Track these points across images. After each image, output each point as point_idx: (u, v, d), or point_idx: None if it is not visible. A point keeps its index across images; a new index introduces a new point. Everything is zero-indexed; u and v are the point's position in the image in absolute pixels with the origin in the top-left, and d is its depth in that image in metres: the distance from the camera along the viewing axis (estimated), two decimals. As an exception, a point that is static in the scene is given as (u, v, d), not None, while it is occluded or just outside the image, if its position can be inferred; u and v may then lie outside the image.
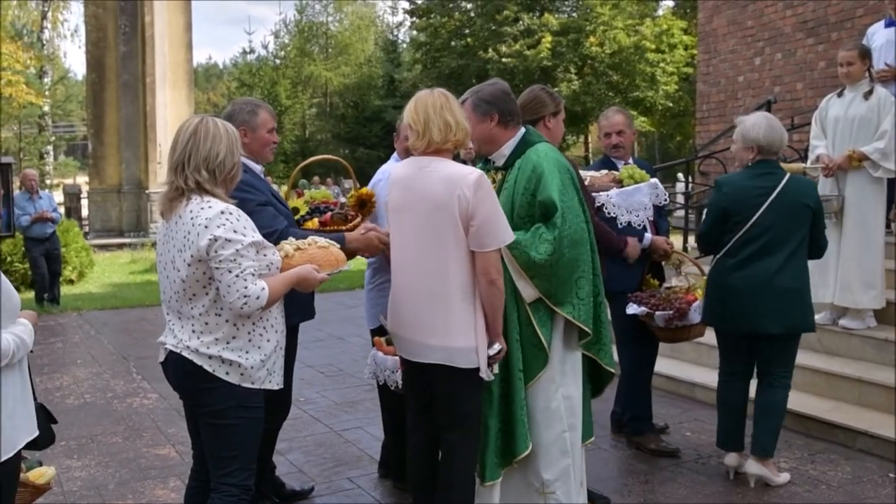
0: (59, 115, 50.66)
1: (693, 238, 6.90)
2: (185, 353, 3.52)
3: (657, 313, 5.60)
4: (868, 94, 6.73)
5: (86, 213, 26.00)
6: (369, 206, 4.89)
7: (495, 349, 3.97)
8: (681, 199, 15.07)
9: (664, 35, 32.98)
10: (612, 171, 5.81)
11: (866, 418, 6.14)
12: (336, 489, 5.48)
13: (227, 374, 3.51)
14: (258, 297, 3.40)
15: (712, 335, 5.61)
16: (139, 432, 6.70)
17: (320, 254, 3.80)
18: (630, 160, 6.04)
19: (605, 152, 6.13)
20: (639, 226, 5.65)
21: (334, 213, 4.72)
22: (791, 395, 5.38)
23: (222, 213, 3.44)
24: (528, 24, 32.70)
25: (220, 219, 3.41)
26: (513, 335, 4.19)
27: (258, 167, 4.61)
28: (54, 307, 12.97)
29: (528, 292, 4.20)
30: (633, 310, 5.68)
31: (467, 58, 33.64)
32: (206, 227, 3.40)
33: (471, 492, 4.10)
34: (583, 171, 5.53)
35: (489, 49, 32.17)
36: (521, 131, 4.41)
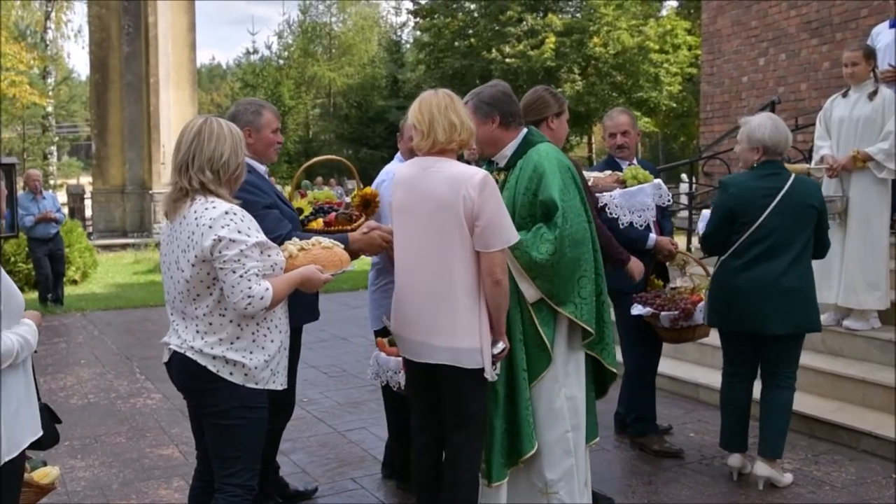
0: (62, 116, 50.70)
1: (696, 239, 6.89)
2: (189, 354, 3.52)
3: (662, 314, 5.60)
4: (873, 95, 6.72)
5: (89, 213, 26.02)
6: (373, 206, 4.88)
7: (499, 348, 3.97)
8: (684, 200, 15.05)
9: (668, 35, 32.94)
10: (615, 171, 5.81)
11: (870, 419, 6.13)
12: (339, 490, 5.48)
13: (231, 374, 3.51)
14: (262, 298, 3.40)
15: (716, 336, 5.60)
16: (143, 432, 6.71)
17: (324, 254, 3.80)
18: (634, 161, 6.04)
19: (609, 153, 6.13)
20: (641, 226, 5.63)
21: (339, 214, 4.72)
22: (795, 396, 5.37)
23: (226, 213, 3.44)
24: (531, 25, 32.64)
25: (224, 219, 3.41)
26: (516, 335, 4.19)
27: (262, 168, 4.60)
28: (58, 307, 12.98)
29: (530, 293, 4.20)
30: (637, 310, 5.68)
31: (471, 58, 33.59)
32: (210, 227, 3.40)
33: (475, 492, 4.10)
34: (586, 172, 5.53)
35: (493, 49, 32.12)
36: (523, 132, 4.41)
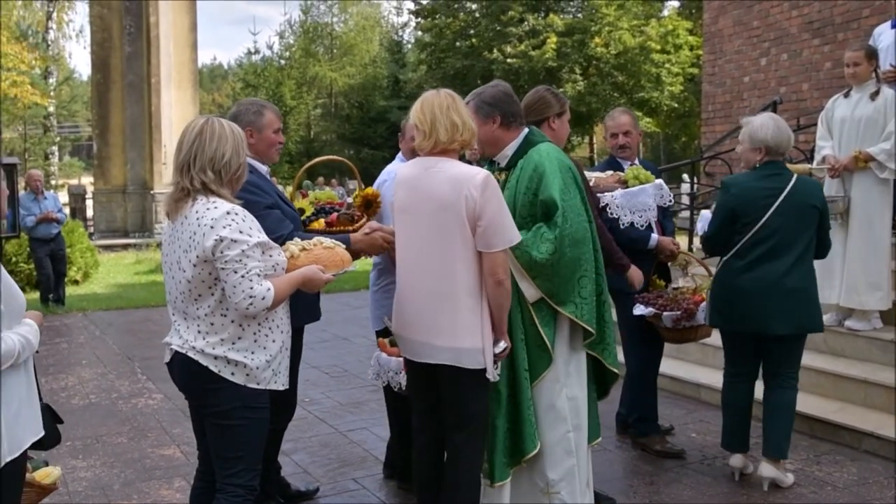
0: (64, 116, 50.73)
1: (697, 239, 6.89)
2: (190, 354, 3.52)
3: (665, 314, 5.59)
4: (874, 95, 6.71)
5: (91, 213, 26.05)
6: (375, 206, 4.88)
7: (500, 347, 3.97)
8: (686, 200, 15.05)
9: (669, 36, 32.93)
10: (617, 171, 5.81)
11: (872, 420, 6.13)
12: (341, 490, 5.48)
13: (233, 374, 3.51)
14: (264, 298, 3.40)
15: (718, 336, 5.60)
16: (144, 433, 6.71)
17: (326, 254, 3.80)
18: (636, 161, 6.04)
19: (611, 153, 6.13)
20: (642, 226, 5.63)
21: (341, 214, 4.72)
22: (797, 397, 5.37)
23: (228, 213, 3.44)
24: (533, 25, 32.64)
25: (225, 219, 3.41)
26: (517, 335, 4.19)
27: (264, 168, 4.60)
28: (59, 308, 12.99)
29: (531, 292, 4.21)
30: (640, 310, 5.67)
31: (472, 58, 33.59)
32: (211, 227, 3.40)
33: (476, 492, 4.10)
34: (588, 172, 5.53)
35: (494, 50, 32.12)
36: (524, 132, 4.42)
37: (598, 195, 5.48)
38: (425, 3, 36.18)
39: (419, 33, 39.34)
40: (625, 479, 5.59)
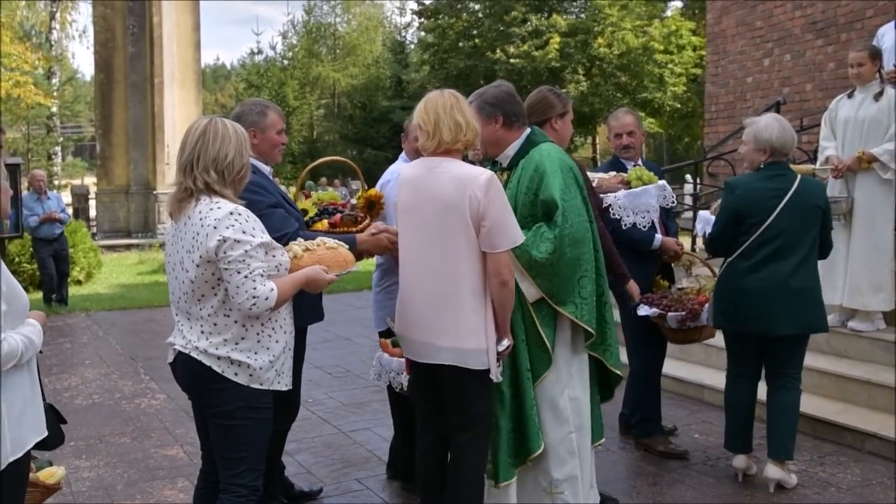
0: (67, 116, 50.73)
1: (700, 240, 6.88)
2: (193, 354, 3.52)
3: (669, 314, 5.59)
4: (878, 96, 6.70)
5: (94, 213, 26.06)
6: (378, 207, 4.88)
7: (503, 345, 3.97)
8: (689, 201, 15.03)
9: (672, 36, 32.93)
10: (620, 172, 5.81)
11: (875, 420, 6.12)
12: (344, 490, 5.48)
13: (236, 374, 3.51)
14: (267, 298, 3.40)
15: (721, 337, 5.59)
16: (147, 433, 6.71)
17: (329, 255, 3.79)
18: (639, 161, 6.03)
19: (614, 153, 6.12)
20: (644, 227, 5.63)
21: (344, 215, 4.71)
22: (800, 398, 5.36)
23: (231, 213, 3.44)
24: (536, 25, 32.67)
25: (229, 220, 3.41)
26: (519, 335, 4.20)
27: (267, 168, 4.60)
28: (62, 308, 13.00)
29: (531, 292, 4.21)
30: (644, 311, 5.67)
31: (475, 59, 33.62)
32: (215, 227, 3.40)
33: (480, 493, 4.10)
34: (591, 173, 5.53)
35: (497, 50, 32.14)
36: (526, 132, 4.42)
37: (601, 196, 5.47)
38: (428, 3, 36.23)
39: (422, 33, 39.38)
40: (628, 480, 5.59)
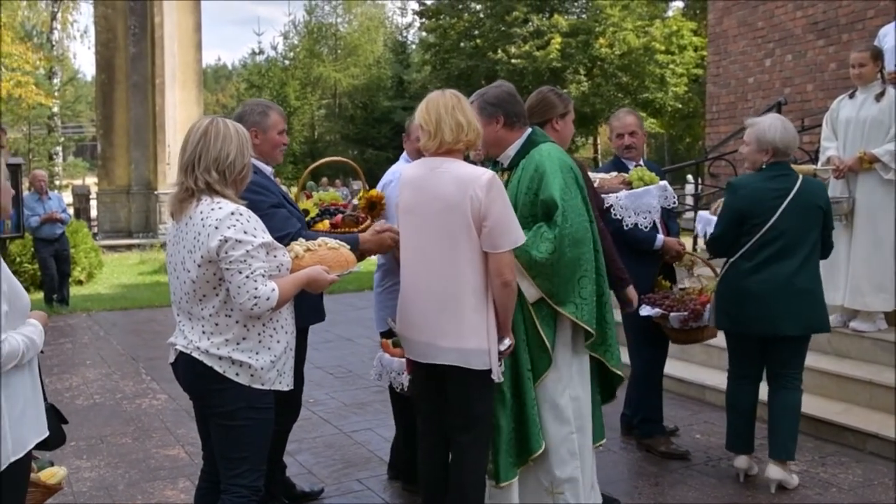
0: (68, 116, 50.76)
1: (701, 240, 6.87)
2: (195, 354, 3.52)
3: (672, 314, 5.58)
4: (880, 96, 6.70)
5: (95, 213, 26.08)
6: (379, 208, 4.88)
7: (505, 344, 3.97)
8: (690, 201, 15.04)
9: (674, 36, 32.93)
10: (622, 172, 5.80)
11: (877, 421, 6.12)
12: (345, 491, 5.48)
13: (238, 375, 3.51)
14: (268, 298, 3.40)
15: (723, 337, 5.59)
16: (148, 433, 6.71)
17: (330, 255, 3.79)
18: (640, 162, 6.03)
19: (616, 153, 6.12)
20: (646, 227, 5.62)
21: (346, 216, 4.72)
22: (802, 398, 5.36)
23: (232, 214, 3.43)
24: (537, 26, 32.68)
25: (230, 220, 3.41)
26: (519, 335, 4.19)
27: (268, 169, 4.60)
28: (63, 308, 13.00)
29: (531, 292, 4.21)
30: (646, 311, 5.66)
31: (476, 59, 33.63)
32: (216, 227, 3.40)
33: (481, 493, 4.10)
34: (592, 173, 5.52)
35: (498, 50, 32.16)
36: (527, 132, 4.42)
37: (603, 196, 5.47)
38: (430, 3, 36.23)
39: (423, 34, 39.40)
40: (629, 481, 5.59)
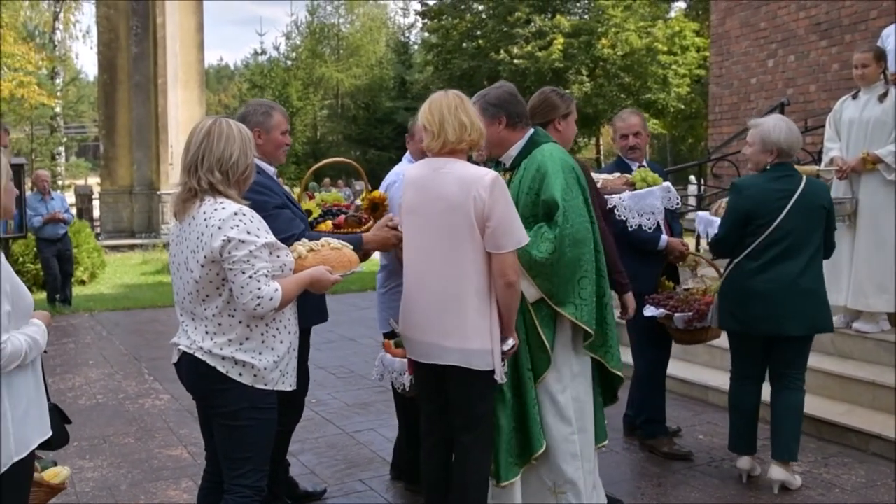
0: (70, 116, 50.79)
1: (704, 241, 6.86)
2: (198, 355, 3.52)
3: (676, 315, 5.58)
4: (883, 97, 6.69)
5: (97, 213, 26.08)
6: (381, 209, 4.88)
7: (509, 345, 3.98)
8: (693, 202, 15.04)
9: (676, 37, 32.90)
10: (624, 173, 5.80)
11: (880, 422, 6.11)
12: (348, 491, 5.48)
13: (241, 375, 3.51)
14: (271, 299, 3.40)
15: (725, 338, 5.59)
16: (151, 433, 6.71)
17: (333, 255, 3.79)
18: (644, 162, 6.03)
19: (619, 154, 6.12)
20: (649, 228, 5.62)
21: (349, 216, 4.72)
22: (804, 399, 5.36)
23: (236, 214, 3.44)
24: (539, 26, 32.67)
25: (233, 220, 3.41)
26: (520, 335, 4.18)
27: (271, 169, 4.60)
28: (66, 308, 13.01)
29: (531, 292, 4.21)
30: (651, 312, 5.66)
31: (479, 59, 33.62)
32: (219, 228, 3.40)
33: (484, 493, 4.10)
34: (595, 174, 5.52)
35: (501, 51, 32.15)
36: (530, 132, 4.42)
37: (606, 197, 5.46)
38: (432, 4, 36.21)
39: (426, 34, 39.34)
40: (632, 481, 5.58)
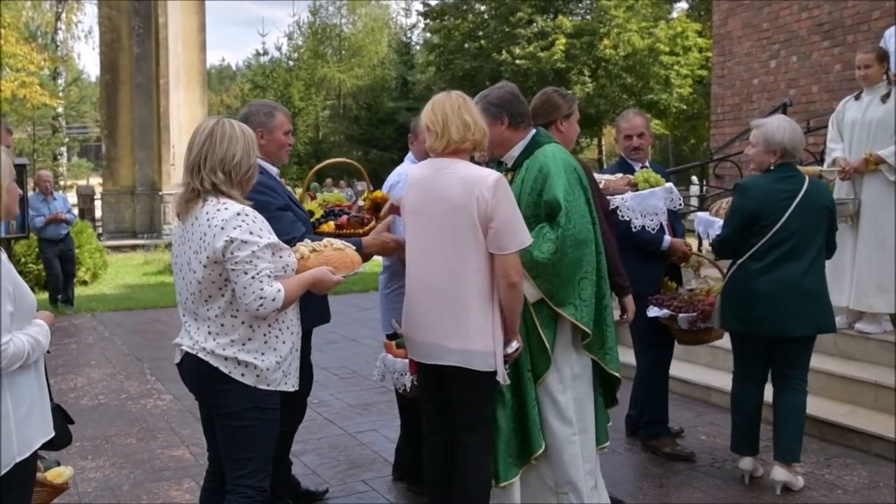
0: (72, 117, 50.77)
1: (706, 241, 6.86)
2: (200, 355, 3.52)
3: (680, 315, 5.57)
4: (885, 97, 6.68)
5: (99, 214, 26.10)
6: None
7: (513, 347, 3.98)
8: (695, 203, 15.01)
9: (678, 37, 32.85)
10: (627, 174, 5.79)
11: (882, 422, 6.11)
12: (350, 491, 5.48)
13: (243, 375, 3.51)
14: (274, 299, 3.40)
15: (728, 338, 5.58)
16: (153, 433, 6.72)
17: (336, 256, 3.79)
18: (646, 163, 6.03)
19: (622, 154, 6.12)
20: (652, 229, 5.61)
21: (351, 217, 4.72)
22: (807, 399, 5.36)
23: (238, 214, 3.44)
24: (541, 27, 32.63)
25: (236, 220, 3.41)
26: (521, 336, 4.18)
27: (274, 169, 4.60)
28: (68, 308, 13.02)
29: (531, 292, 4.20)
30: (654, 312, 5.65)
31: (481, 60, 33.58)
32: (222, 228, 3.40)
33: (487, 493, 4.10)
34: (597, 175, 5.52)
35: (503, 51, 32.11)
36: (532, 132, 4.42)
37: (609, 198, 5.46)
38: (434, 4, 36.19)
39: (428, 35, 39.29)
40: (634, 482, 5.58)
